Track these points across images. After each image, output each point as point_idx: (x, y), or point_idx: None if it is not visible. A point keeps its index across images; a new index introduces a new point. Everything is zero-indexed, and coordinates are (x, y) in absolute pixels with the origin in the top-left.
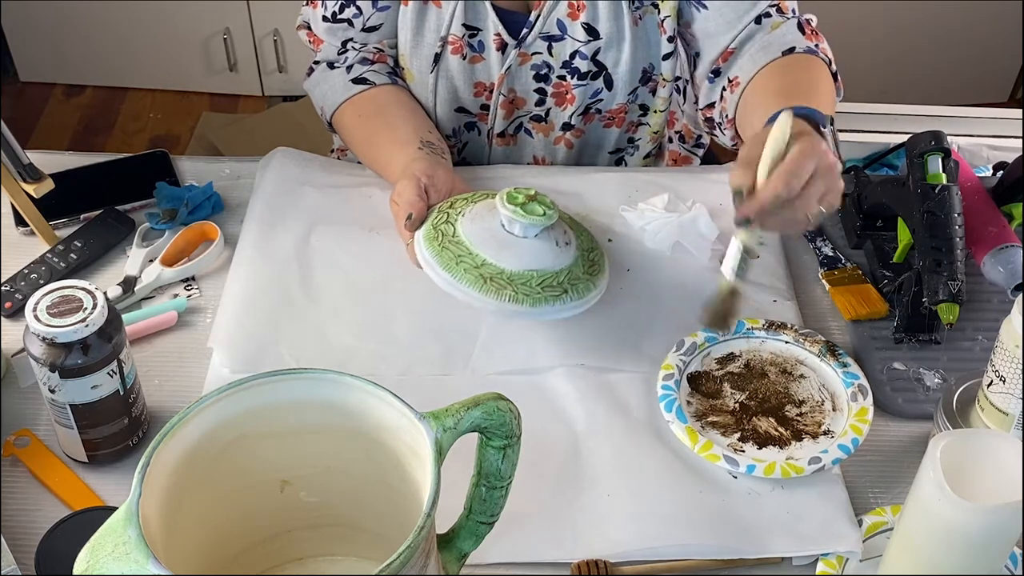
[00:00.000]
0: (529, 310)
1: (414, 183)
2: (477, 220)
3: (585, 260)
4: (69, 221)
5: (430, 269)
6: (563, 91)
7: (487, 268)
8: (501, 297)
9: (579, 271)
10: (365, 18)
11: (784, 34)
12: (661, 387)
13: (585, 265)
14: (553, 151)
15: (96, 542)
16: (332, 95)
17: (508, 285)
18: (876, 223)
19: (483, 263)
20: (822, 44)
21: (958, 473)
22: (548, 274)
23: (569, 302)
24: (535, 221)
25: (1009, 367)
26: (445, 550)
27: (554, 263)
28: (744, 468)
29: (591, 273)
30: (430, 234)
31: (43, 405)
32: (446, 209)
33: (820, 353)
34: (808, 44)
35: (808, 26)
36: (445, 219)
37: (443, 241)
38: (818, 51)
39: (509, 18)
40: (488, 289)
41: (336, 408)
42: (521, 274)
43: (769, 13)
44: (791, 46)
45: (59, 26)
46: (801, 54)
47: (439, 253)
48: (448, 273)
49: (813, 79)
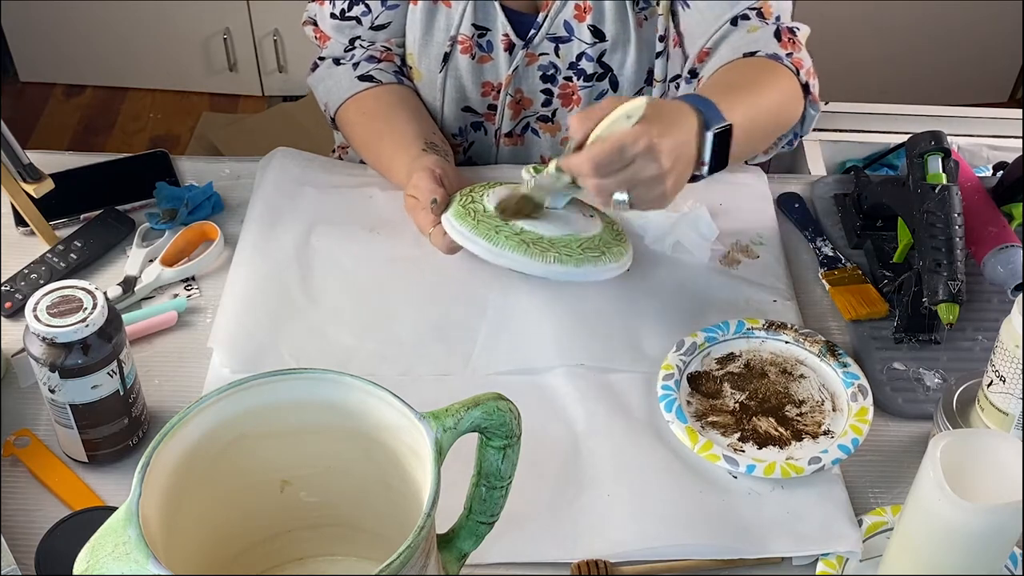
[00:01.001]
0: (574, 270)
1: (428, 174)
2: (503, 198)
3: (610, 230)
4: (69, 221)
5: (470, 242)
6: (569, 92)
7: (527, 235)
8: (546, 259)
9: (609, 237)
10: (374, 16)
11: (757, 39)
12: (661, 387)
13: (612, 233)
14: (559, 151)
15: (96, 542)
16: (337, 91)
17: (551, 248)
18: (876, 223)
19: (521, 231)
20: (796, 54)
21: (958, 473)
22: (584, 238)
23: (610, 263)
24: (565, 188)
25: (1009, 367)
26: (445, 550)
27: (586, 229)
28: (744, 468)
29: (620, 240)
30: (460, 213)
31: (43, 405)
32: (468, 193)
33: (820, 353)
34: (777, 51)
35: (787, 34)
36: (471, 200)
37: (476, 217)
38: (784, 59)
39: (517, 19)
40: (532, 252)
41: (336, 408)
42: (561, 238)
43: (748, 15)
44: (755, 50)
45: (59, 26)
46: (762, 58)
47: (475, 227)
48: (490, 243)
49: (757, 81)
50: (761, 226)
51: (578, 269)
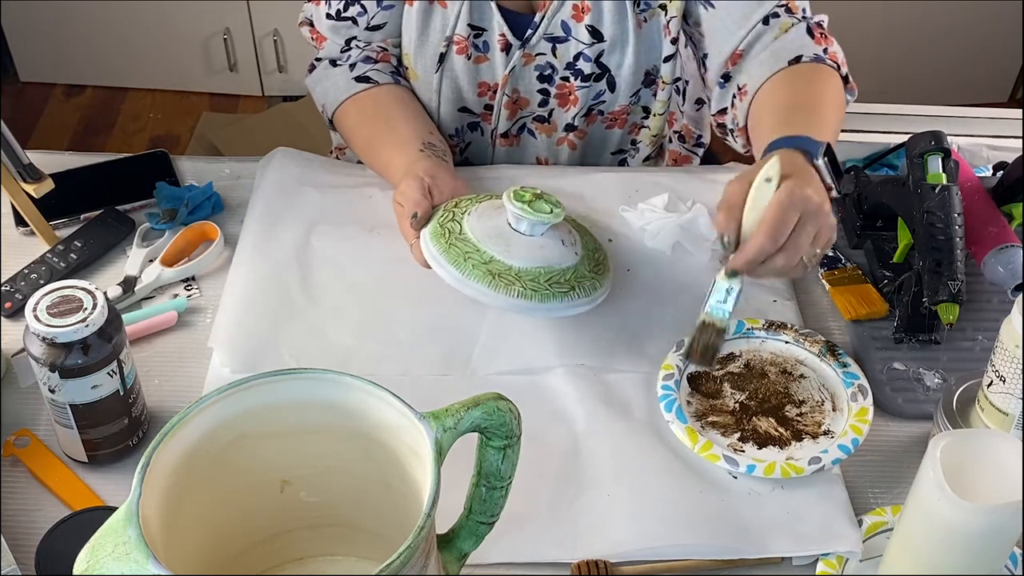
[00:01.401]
0: (538, 306)
1: (418, 182)
2: (483, 218)
3: (590, 259)
4: (69, 221)
5: (438, 266)
6: (566, 92)
7: (495, 264)
8: (510, 293)
9: (584, 269)
10: (369, 17)
11: (793, 39)
12: (661, 387)
13: (590, 264)
14: (556, 152)
15: (96, 542)
16: (334, 93)
17: (517, 281)
18: (876, 223)
19: (491, 259)
20: (831, 48)
21: (958, 473)
22: (556, 271)
23: (577, 299)
24: (542, 218)
25: (1009, 367)
26: (445, 550)
27: (561, 261)
28: (744, 468)
29: (597, 272)
30: (436, 232)
31: (43, 405)
32: (451, 208)
33: (820, 353)
34: (816, 51)
35: (818, 29)
36: (451, 217)
37: (450, 238)
38: (826, 57)
39: (514, 19)
40: (497, 285)
41: (336, 408)
42: (529, 270)
43: (777, 13)
44: (798, 54)
45: (59, 26)
46: (808, 63)
47: (446, 250)
48: (456, 269)
49: (818, 92)
50: None
51: (542, 304)
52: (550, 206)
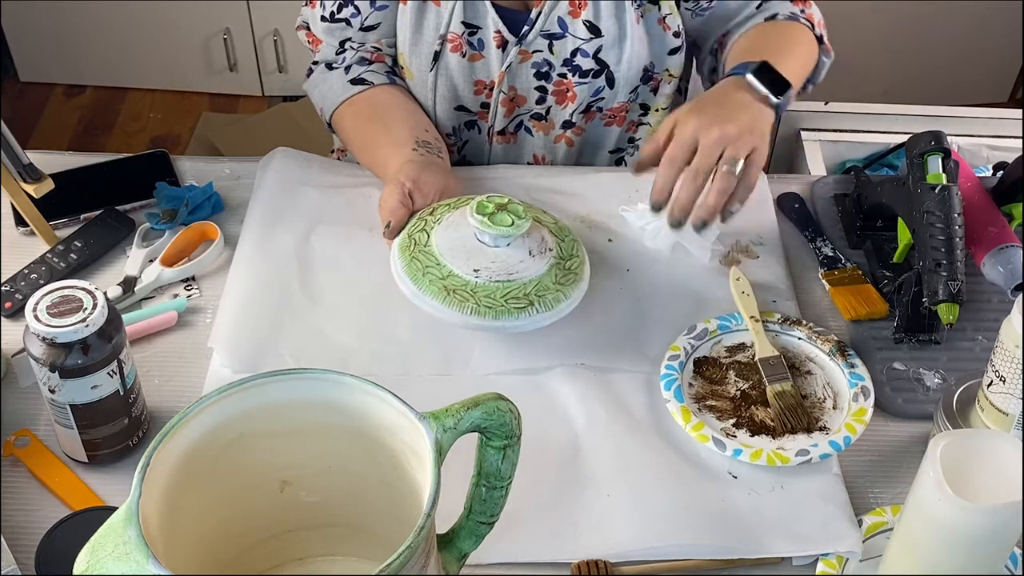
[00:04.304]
0: (491, 323)
1: (398, 189)
2: (451, 229)
3: (560, 269)
4: (69, 221)
5: (399, 279)
6: (564, 89)
7: (452, 280)
8: (464, 310)
9: (549, 281)
10: (363, 17)
11: (773, 6)
12: (665, 367)
13: (558, 275)
14: (553, 149)
15: (96, 542)
16: (331, 96)
17: (471, 297)
18: (876, 223)
19: (448, 274)
20: (808, 10)
21: (958, 473)
22: (515, 286)
23: (535, 314)
24: (503, 231)
25: (1009, 367)
26: (445, 550)
27: (524, 273)
28: (731, 452)
29: (563, 283)
30: (404, 243)
31: (43, 405)
32: (425, 216)
33: (831, 352)
34: (793, 9)
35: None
36: (421, 227)
37: (414, 251)
38: (801, 16)
39: (509, 16)
40: (451, 301)
41: (336, 408)
42: (485, 286)
43: None
44: (774, 12)
45: (59, 26)
46: (783, 20)
47: (408, 263)
48: (414, 284)
49: (784, 40)
50: (761, 226)
51: (495, 322)
52: (512, 218)
